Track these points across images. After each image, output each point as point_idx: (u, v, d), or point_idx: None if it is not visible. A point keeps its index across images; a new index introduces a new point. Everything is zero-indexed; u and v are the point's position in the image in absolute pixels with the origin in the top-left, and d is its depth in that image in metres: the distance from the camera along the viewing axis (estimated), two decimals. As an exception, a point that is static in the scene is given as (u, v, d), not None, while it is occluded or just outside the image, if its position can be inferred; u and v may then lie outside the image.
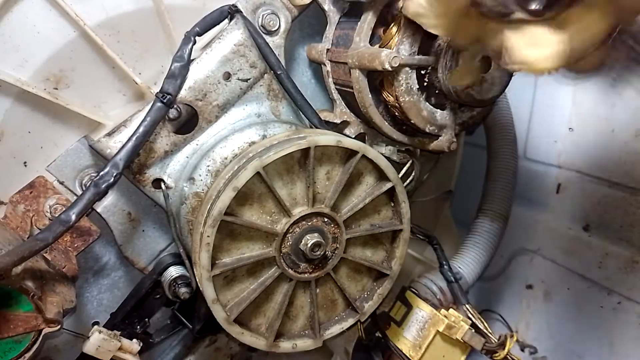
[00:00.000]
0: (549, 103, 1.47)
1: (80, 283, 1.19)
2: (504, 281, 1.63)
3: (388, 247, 1.08)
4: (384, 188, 1.00)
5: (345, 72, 1.09)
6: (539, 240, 1.53)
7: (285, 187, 0.94)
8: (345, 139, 0.95)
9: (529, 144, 1.51)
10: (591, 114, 1.38)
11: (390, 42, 1.01)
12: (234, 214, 0.90)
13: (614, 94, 1.31)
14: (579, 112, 1.40)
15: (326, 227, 0.98)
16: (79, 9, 1.02)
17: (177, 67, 0.97)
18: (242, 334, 0.94)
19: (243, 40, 1.03)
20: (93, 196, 0.90)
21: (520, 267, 1.59)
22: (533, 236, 1.55)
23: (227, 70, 1.03)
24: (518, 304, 1.57)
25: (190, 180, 1.01)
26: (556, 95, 1.44)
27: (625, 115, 1.31)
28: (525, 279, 1.56)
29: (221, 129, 1.04)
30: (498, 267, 1.64)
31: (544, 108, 1.49)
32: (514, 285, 1.59)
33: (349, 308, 1.07)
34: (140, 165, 1.00)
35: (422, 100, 1.04)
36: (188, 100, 1.01)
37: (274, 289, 0.98)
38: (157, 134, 1.00)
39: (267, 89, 1.08)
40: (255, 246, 0.94)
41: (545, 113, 1.47)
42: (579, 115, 1.40)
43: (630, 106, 1.29)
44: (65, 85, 1.07)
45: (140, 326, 1.13)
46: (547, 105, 1.48)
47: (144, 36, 1.10)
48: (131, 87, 1.11)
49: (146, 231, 1.13)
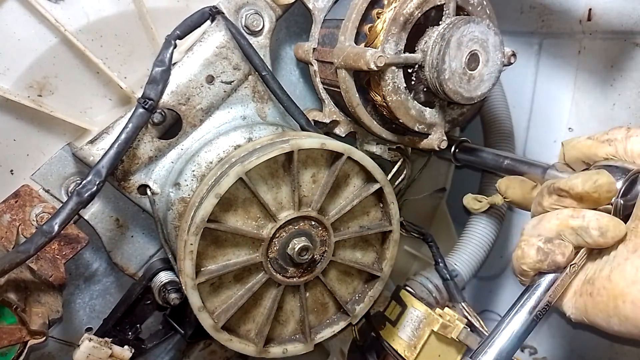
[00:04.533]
0: (548, 103, 1.45)
1: (72, 290, 1.19)
2: (504, 281, 1.61)
3: (378, 248, 1.06)
4: (371, 189, 0.99)
5: (332, 72, 1.07)
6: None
7: (270, 192, 0.92)
8: (330, 141, 0.93)
9: (529, 144, 1.49)
10: (591, 114, 1.35)
11: (376, 41, 0.99)
12: (218, 220, 0.89)
13: (614, 94, 1.29)
14: (578, 112, 1.37)
15: (314, 230, 0.96)
16: (59, 15, 1.01)
17: (158, 72, 0.96)
18: (231, 340, 0.93)
19: (225, 42, 1.01)
20: (76, 205, 0.89)
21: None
22: None
23: (209, 73, 1.01)
24: (518, 304, 1.55)
25: (176, 185, 1.00)
26: (555, 95, 1.42)
27: (625, 115, 1.29)
28: (525, 279, 1.54)
29: (206, 133, 1.03)
30: (498, 267, 1.62)
31: (543, 108, 1.46)
32: (514, 285, 1.56)
33: (340, 311, 1.06)
34: (125, 172, 0.99)
35: (409, 99, 1.02)
36: (171, 105, 0.99)
37: (262, 294, 0.97)
38: (140, 140, 0.99)
39: (252, 91, 1.07)
40: (242, 252, 0.93)
41: (545, 113, 1.44)
42: (579, 116, 1.37)
43: (631, 106, 1.27)
44: (49, 92, 1.06)
45: (132, 332, 1.13)
46: (546, 105, 1.45)
47: (127, 40, 1.08)
48: (117, 92, 1.10)
49: (135, 237, 1.12)
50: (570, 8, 1.33)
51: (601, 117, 1.33)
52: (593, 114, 1.35)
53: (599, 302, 0.76)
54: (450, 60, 0.96)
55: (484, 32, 0.97)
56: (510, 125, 1.47)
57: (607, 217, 0.78)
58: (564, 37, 1.37)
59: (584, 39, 1.32)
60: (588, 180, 0.79)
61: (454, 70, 0.96)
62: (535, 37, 1.43)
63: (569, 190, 0.81)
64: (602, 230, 0.76)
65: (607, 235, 0.76)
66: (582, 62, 1.34)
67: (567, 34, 1.35)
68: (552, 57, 1.41)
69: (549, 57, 1.42)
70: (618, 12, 1.24)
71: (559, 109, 1.40)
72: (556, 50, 1.40)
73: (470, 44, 0.97)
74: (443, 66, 0.96)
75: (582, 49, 1.33)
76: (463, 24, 0.95)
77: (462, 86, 0.98)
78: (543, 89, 1.46)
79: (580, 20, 1.31)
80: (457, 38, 0.95)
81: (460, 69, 0.97)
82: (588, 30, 1.31)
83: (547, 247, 0.80)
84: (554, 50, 1.41)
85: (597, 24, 1.28)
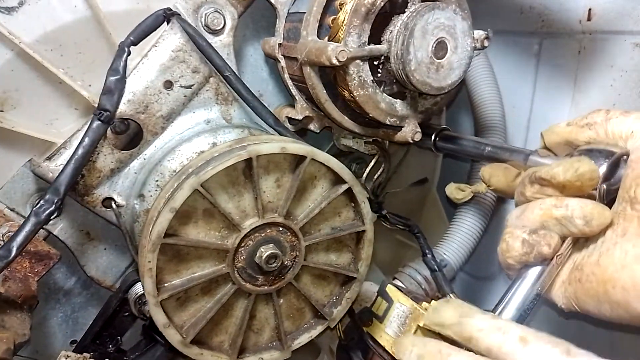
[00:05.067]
0: (548, 103, 1.41)
1: (53, 304, 1.18)
2: (503, 281, 1.58)
3: (353, 249, 1.03)
4: (339, 190, 0.95)
5: (299, 68, 1.03)
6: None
7: (231, 200, 0.89)
8: (291, 144, 0.89)
9: (529, 143, 1.45)
10: None
11: (339, 33, 0.94)
12: (177, 234, 0.86)
13: (614, 94, 1.25)
14: (578, 112, 1.33)
15: (282, 236, 0.93)
16: (13, 27, 0.98)
17: (112, 82, 0.91)
18: (202, 354, 0.90)
19: (181, 45, 0.97)
20: (34, 226, 0.86)
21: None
22: None
23: (167, 78, 0.97)
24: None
25: (140, 197, 0.97)
26: (555, 95, 1.38)
27: None
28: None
29: (168, 141, 0.99)
30: (498, 267, 1.58)
31: (543, 108, 1.43)
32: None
33: (317, 315, 1.03)
34: (87, 187, 0.97)
35: (378, 92, 0.98)
36: (129, 115, 0.96)
37: (232, 305, 0.94)
38: (100, 153, 0.96)
39: (214, 93, 1.03)
40: (207, 264, 0.90)
41: (545, 113, 1.40)
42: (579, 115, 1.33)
43: (631, 106, 1.22)
44: (11, 106, 1.03)
45: (112, 345, 1.11)
46: (546, 105, 1.42)
47: (88, 47, 1.05)
48: (82, 101, 1.07)
49: (108, 249, 1.10)
50: (570, 8, 1.31)
51: None
52: None
53: (589, 288, 0.73)
54: (416, 50, 0.91)
55: (450, 17, 0.92)
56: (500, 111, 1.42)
57: (591, 205, 0.74)
58: (564, 37, 1.35)
59: (584, 39, 1.30)
60: (569, 168, 0.76)
61: (420, 61, 0.91)
62: (535, 37, 1.41)
63: (550, 179, 0.78)
64: (587, 218, 0.73)
65: (592, 224, 0.73)
66: (582, 62, 1.32)
67: (567, 34, 1.33)
68: (552, 57, 1.39)
69: (549, 57, 1.40)
70: (618, 12, 1.22)
71: (559, 109, 1.37)
72: (556, 50, 1.38)
73: (436, 31, 0.91)
74: (408, 57, 0.91)
75: (582, 49, 1.31)
76: (427, 11, 0.90)
77: (430, 76, 0.93)
78: (543, 89, 1.43)
79: (580, 20, 1.29)
80: (422, 26, 0.90)
81: (426, 59, 0.92)
82: (588, 30, 1.29)
83: (532, 238, 0.77)
84: (554, 50, 1.39)
85: (597, 24, 1.26)
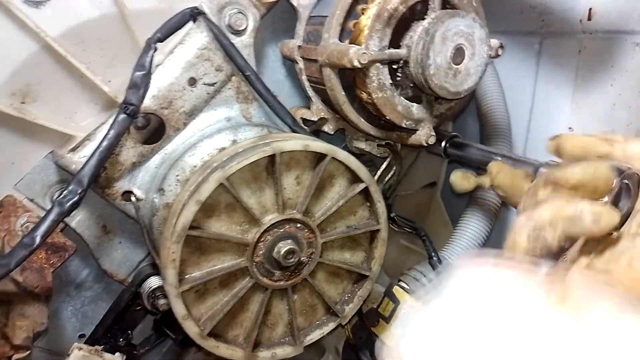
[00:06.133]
0: (548, 103, 1.43)
1: (63, 297, 1.18)
2: None
3: (367, 247, 1.05)
4: (357, 189, 0.97)
5: (318, 70, 1.06)
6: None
7: (253, 195, 0.91)
8: (313, 142, 0.92)
9: (529, 143, 1.47)
10: (591, 114, 1.33)
11: (360, 37, 0.97)
12: (200, 226, 0.87)
13: (614, 94, 1.27)
14: (578, 112, 1.35)
15: (300, 232, 0.95)
16: (39, 20, 0.99)
17: (138, 76, 0.94)
18: (218, 347, 0.92)
19: (207, 43, 0.99)
20: (57, 216, 0.87)
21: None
22: None
23: (191, 75, 0.99)
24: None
25: (160, 191, 0.99)
26: (555, 95, 1.40)
27: (625, 115, 1.27)
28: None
29: (190, 136, 1.01)
30: None
31: (543, 108, 1.45)
32: None
33: (329, 312, 1.05)
34: (108, 179, 0.98)
35: (396, 95, 1.00)
36: (153, 110, 0.98)
37: (249, 299, 0.96)
38: (123, 146, 0.98)
39: (236, 92, 1.05)
40: (227, 257, 0.91)
41: (545, 113, 1.42)
42: (579, 115, 1.35)
43: (631, 106, 1.25)
44: (32, 99, 1.04)
45: (123, 338, 1.12)
46: (546, 105, 1.44)
47: (110, 43, 1.06)
48: (102, 96, 1.09)
49: (123, 243, 1.11)
50: (570, 8, 1.32)
51: (601, 117, 1.32)
52: (593, 114, 1.33)
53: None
54: (435, 55, 0.94)
55: (469, 25, 0.95)
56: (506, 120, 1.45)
57: (600, 206, 0.77)
58: (564, 37, 1.36)
59: (584, 38, 1.31)
60: (587, 168, 0.78)
61: (439, 65, 0.94)
62: (535, 37, 1.42)
63: (566, 179, 0.80)
64: (596, 217, 0.75)
65: (601, 224, 0.75)
66: (582, 62, 1.33)
67: (567, 34, 1.35)
68: (552, 57, 1.41)
69: (549, 57, 1.41)
70: (618, 12, 1.23)
71: (559, 109, 1.38)
72: (556, 50, 1.39)
73: (455, 38, 0.94)
74: (428, 61, 0.93)
75: (582, 49, 1.32)
76: (448, 18, 0.93)
77: (447, 81, 0.96)
78: (543, 89, 1.44)
79: (580, 20, 1.30)
80: (442, 32, 0.93)
81: (445, 64, 0.95)
82: (588, 30, 1.30)
83: (536, 232, 0.80)
84: (554, 50, 1.40)
85: (597, 23, 1.27)
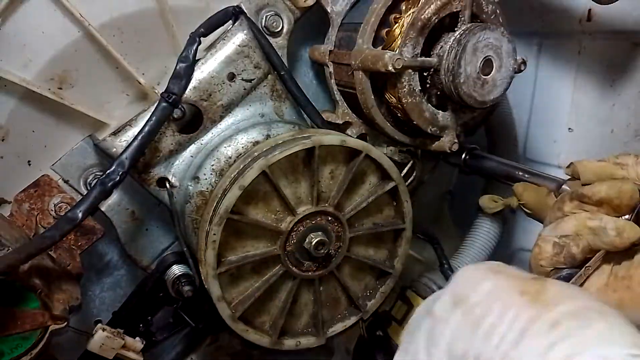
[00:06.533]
0: (548, 103, 1.46)
1: (83, 281, 1.19)
2: None
3: (390, 245, 1.09)
4: (386, 187, 1.01)
5: (348, 74, 1.10)
6: (539, 240, 1.53)
7: (290, 186, 0.95)
8: (350, 138, 0.96)
9: (529, 144, 1.50)
10: (591, 114, 1.37)
11: (393, 44, 1.03)
12: (239, 212, 0.91)
13: (614, 94, 1.31)
14: (578, 112, 1.38)
15: (330, 225, 0.99)
16: (83, 10, 1.02)
17: (182, 68, 0.98)
18: (247, 331, 0.95)
19: (247, 41, 1.04)
20: (99, 194, 0.90)
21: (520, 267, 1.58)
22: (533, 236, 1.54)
23: (231, 70, 1.03)
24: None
25: (194, 179, 1.02)
26: (555, 95, 1.43)
27: (625, 116, 1.31)
28: (525, 279, 1.55)
29: (225, 129, 1.05)
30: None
31: (543, 108, 1.48)
32: None
33: (351, 306, 1.08)
34: (146, 164, 1.01)
35: (424, 101, 1.05)
36: (193, 100, 1.02)
37: (278, 286, 0.99)
38: (162, 134, 1.01)
39: (270, 90, 1.09)
40: (260, 244, 0.95)
41: (545, 113, 1.46)
42: (579, 116, 1.39)
43: (631, 106, 1.29)
44: (69, 85, 1.07)
45: (142, 324, 1.14)
46: (546, 106, 1.47)
47: (147, 37, 1.10)
48: (134, 87, 1.12)
49: (150, 230, 1.13)
50: (570, 8, 1.32)
51: (601, 117, 1.34)
52: (593, 114, 1.36)
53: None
54: (466, 64, 0.99)
55: (498, 39, 1.01)
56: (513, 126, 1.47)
57: (624, 220, 0.81)
58: (564, 37, 1.37)
59: (584, 39, 1.32)
60: (613, 186, 0.83)
61: (469, 75, 1.00)
62: (535, 37, 1.43)
63: (592, 195, 0.85)
64: (619, 230, 0.79)
65: (624, 236, 0.79)
66: (582, 62, 1.34)
67: (567, 34, 1.35)
68: (552, 57, 1.41)
69: (549, 57, 1.42)
70: (618, 12, 1.24)
71: (559, 109, 1.40)
72: (556, 50, 1.41)
73: (485, 49, 1.00)
74: (459, 70, 0.99)
75: (582, 49, 1.33)
76: (479, 30, 0.99)
77: (476, 90, 1.01)
78: (543, 89, 1.46)
79: (580, 20, 1.30)
80: (473, 43, 0.99)
81: (474, 74, 1.00)
82: (588, 30, 1.31)
83: (562, 240, 0.84)
84: (554, 50, 1.41)
85: (597, 24, 1.28)
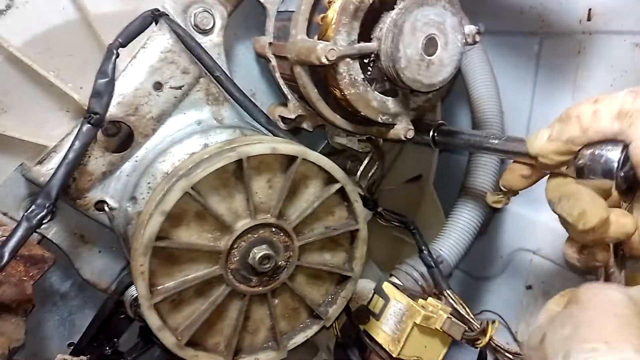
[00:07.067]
0: (548, 103, 1.42)
1: (49, 307, 1.18)
2: (503, 281, 1.58)
3: (348, 248, 1.02)
4: (332, 190, 0.94)
5: (290, 67, 1.03)
6: (538, 240, 1.47)
7: (223, 202, 0.89)
8: (282, 144, 0.89)
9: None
10: None
11: (328, 32, 0.94)
12: (168, 237, 0.85)
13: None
14: None
15: (275, 236, 0.93)
16: (1, 30, 0.97)
17: (101, 84, 0.92)
18: (197, 356, 0.90)
19: (170, 45, 0.97)
20: (25, 231, 0.86)
21: (519, 267, 1.53)
22: (533, 236, 1.48)
23: (157, 80, 0.97)
24: (518, 305, 1.51)
25: (132, 199, 0.97)
26: (555, 96, 1.39)
27: None
28: (525, 279, 1.51)
29: (159, 142, 0.99)
30: (497, 268, 1.59)
31: (543, 108, 1.43)
32: (514, 285, 1.53)
33: (312, 315, 1.03)
34: (79, 190, 0.97)
35: (369, 90, 0.97)
36: (119, 117, 0.96)
37: (226, 306, 0.94)
38: (90, 156, 0.96)
39: (205, 94, 1.02)
40: (200, 266, 0.89)
41: (545, 113, 1.41)
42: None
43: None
44: (1, 110, 1.03)
45: (109, 347, 1.12)
46: (546, 105, 1.43)
47: (78, 49, 1.04)
48: (73, 104, 1.06)
49: (103, 252, 1.10)
50: (570, 8, 1.31)
51: None
52: None
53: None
54: (405, 47, 0.90)
55: (440, 14, 0.91)
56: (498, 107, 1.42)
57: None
58: (564, 37, 1.36)
59: (584, 39, 1.31)
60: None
61: (410, 58, 0.91)
62: (535, 37, 1.42)
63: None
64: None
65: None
66: (582, 62, 1.33)
67: (567, 34, 1.34)
68: (552, 57, 1.40)
69: (549, 57, 1.41)
70: (618, 12, 1.23)
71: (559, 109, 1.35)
72: (556, 50, 1.39)
73: (425, 28, 0.91)
74: (398, 54, 0.90)
75: (582, 49, 1.32)
76: (416, 7, 0.90)
77: (420, 73, 0.93)
78: (543, 89, 1.44)
79: (580, 20, 1.30)
80: (411, 23, 0.89)
81: (417, 56, 0.91)
82: (588, 30, 1.29)
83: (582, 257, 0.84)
84: (554, 50, 1.40)
85: (597, 23, 1.27)
